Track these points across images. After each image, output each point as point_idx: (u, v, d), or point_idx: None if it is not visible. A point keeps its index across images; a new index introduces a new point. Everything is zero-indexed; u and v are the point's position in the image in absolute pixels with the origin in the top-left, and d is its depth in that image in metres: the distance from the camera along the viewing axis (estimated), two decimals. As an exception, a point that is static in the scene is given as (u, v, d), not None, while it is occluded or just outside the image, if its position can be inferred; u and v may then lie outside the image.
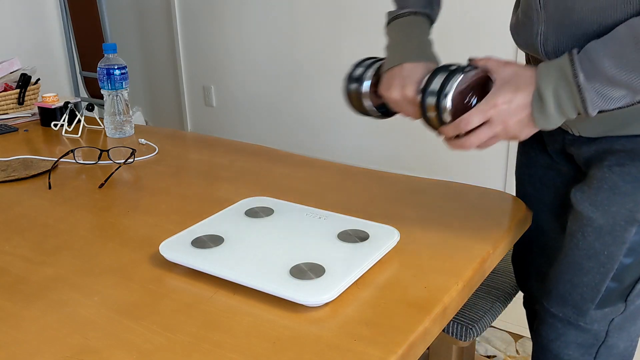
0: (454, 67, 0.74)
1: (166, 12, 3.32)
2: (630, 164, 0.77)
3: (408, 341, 0.60)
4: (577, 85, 0.66)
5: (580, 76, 0.66)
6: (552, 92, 0.68)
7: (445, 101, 0.71)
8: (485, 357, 1.75)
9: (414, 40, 0.83)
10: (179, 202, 0.99)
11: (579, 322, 0.86)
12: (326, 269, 0.71)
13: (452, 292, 0.69)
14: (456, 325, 1.04)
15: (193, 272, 0.74)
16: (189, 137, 1.57)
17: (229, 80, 3.19)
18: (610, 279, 0.82)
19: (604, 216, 0.79)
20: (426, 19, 0.86)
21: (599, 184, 0.80)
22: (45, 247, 0.83)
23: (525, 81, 0.71)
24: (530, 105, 0.70)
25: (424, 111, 0.75)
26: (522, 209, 0.94)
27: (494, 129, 0.72)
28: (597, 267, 0.82)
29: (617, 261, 0.80)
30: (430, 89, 0.73)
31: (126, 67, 1.44)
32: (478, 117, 0.72)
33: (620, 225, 0.78)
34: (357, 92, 0.86)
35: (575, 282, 0.84)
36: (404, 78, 0.79)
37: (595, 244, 0.81)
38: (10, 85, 1.78)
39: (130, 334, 0.62)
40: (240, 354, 0.58)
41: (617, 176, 0.78)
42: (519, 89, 0.70)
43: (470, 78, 0.73)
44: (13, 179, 1.12)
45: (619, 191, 0.78)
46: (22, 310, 0.67)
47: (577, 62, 0.67)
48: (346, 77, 0.88)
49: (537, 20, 0.79)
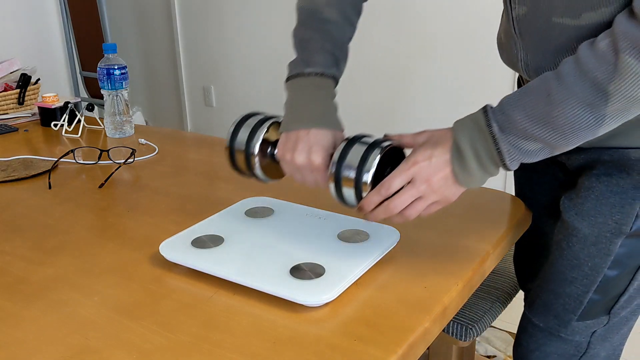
0: (371, 140, 0.70)
1: (166, 12, 3.32)
2: (618, 175, 0.76)
3: (408, 341, 0.60)
4: (492, 136, 0.65)
5: (494, 127, 0.65)
6: (469, 145, 0.66)
7: (367, 176, 0.67)
8: (485, 357, 1.75)
9: (320, 104, 0.77)
10: (179, 202, 0.99)
11: (560, 333, 0.84)
12: (326, 269, 0.71)
13: (452, 292, 0.69)
14: (456, 325, 1.04)
15: (193, 272, 0.74)
16: (189, 137, 1.57)
17: (229, 80, 3.19)
18: (593, 291, 0.80)
19: (590, 227, 0.78)
20: (332, 81, 0.80)
21: (586, 192, 0.79)
22: (45, 247, 0.83)
23: (442, 137, 0.69)
24: (451, 162, 0.67)
25: (339, 184, 0.70)
26: (522, 209, 0.94)
27: (418, 187, 0.67)
28: (581, 278, 0.80)
29: (602, 273, 0.79)
30: (346, 163, 0.69)
31: (126, 67, 1.44)
32: (400, 178, 0.68)
33: (605, 237, 0.77)
34: (247, 152, 0.77)
35: (558, 292, 0.83)
36: (310, 144, 0.73)
37: (580, 255, 0.80)
38: (10, 85, 1.78)
39: (130, 334, 0.62)
40: (240, 354, 0.58)
41: (605, 186, 0.77)
42: (437, 145, 0.68)
43: (386, 151, 0.69)
44: (13, 179, 1.12)
45: (606, 202, 0.77)
46: (22, 310, 0.67)
47: (490, 114, 0.66)
48: (231, 133, 0.78)
49: (515, 46, 0.79)
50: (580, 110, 0.60)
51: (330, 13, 0.82)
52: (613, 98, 0.59)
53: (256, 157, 0.76)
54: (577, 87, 0.60)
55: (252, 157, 0.77)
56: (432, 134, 0.71)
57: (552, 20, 0.70)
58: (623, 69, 0.57)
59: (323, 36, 0.81)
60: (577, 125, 0.61)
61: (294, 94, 0.79)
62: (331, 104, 0.79)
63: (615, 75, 0.58)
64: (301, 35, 0.82)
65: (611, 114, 0.60)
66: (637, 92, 0.58)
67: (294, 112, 0.77)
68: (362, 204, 0.69)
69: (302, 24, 0.83)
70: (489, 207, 0.94)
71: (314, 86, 0.78)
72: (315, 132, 0.74)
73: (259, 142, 0.76)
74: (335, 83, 0.81)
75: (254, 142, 0.76)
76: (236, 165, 0.80)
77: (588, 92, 0.60)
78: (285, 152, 0.75)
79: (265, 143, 0.77)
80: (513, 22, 0.77)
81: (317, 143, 0.73)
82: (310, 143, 0.73)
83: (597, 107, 0.60)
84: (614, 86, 0.58)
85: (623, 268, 0.79)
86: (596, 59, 0.60)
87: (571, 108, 0.60)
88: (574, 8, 0.67)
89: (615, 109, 0.60)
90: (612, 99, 0.59)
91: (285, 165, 0.76)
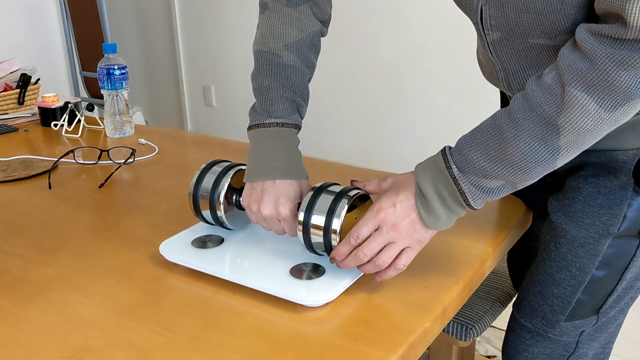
0: (338, 189, 0.71)
1: (166, 12, 3.32)
2: (605, 176, 0.77)
3: (408, 341, 0.60)
4: (452, 177, 0.65)
5: (453, 168, 0.65)
6: (432, 187, 0.66)
7: (337, 224, 0.68)
8: (485, 357, 1.75)
9: (284, 154, 0.77)
10: (179, 202, 0.99)
11: (549, 333, 0.85)
12: (326, 269, 0.71)
13: (452, 292, 0.69)
14: (456, 325, 1.04)
15: (193, 272, 0.74)
16: (189, 137, 1.57)
17: (229, 80, 3.19)
18: (581, 291, 0.80)
19: (578, 228, 0.79)
20: (294, 129, 0.79)
21: (574, 194, 0.79)
22: (45, 247, 0.83)
23: (405, 182, 0.69)
24: (416, 206, 0.67)
25: (307, 234, 0.70)
26: (522, 209, 0.94)
27: (385, 234, 0.66)
28: (568, 279, 0.81)
29: (589, 274, 0.79)
30: (314, 212, 0.69)
31: (126, 67, 1.44)
32: (366, 226, 0.67)
33: (593, 238, 0.78)
34: (212, 200, 0.77)
35: (545, 294, 0.83)
36: (277, 195, 0.73)
37: (568, 256, 0.80)
38: (10, 85, 1.78)
39: (130, 334, 0.62)
40: (240, 354, 0.58)
41: (592, 187, 0.78)
42: (400, 190, 0.68)
43: (353, 200, 0.70)
44: (13, 179, 1.12)
45: (594, 202, 0.77)
46: (22, 310, 0.67)
47: (449, 156, 0.66)
48: (195, 182, 0.78)
49: (494, 68, 0.79)
50: (534, 145, 0.61)
51: (288, 58, 0.80)
52: (564, 131, 0.60)
53: (222, 204, 0.77)
54: (528, 123, 0.61)
55: (218, 204, 0.77)
56: (395, 180, 0.71)
57: (529, 41, 0.70)
58: (570, 101, 0.58)
59: (283, 83, 0.80)
60: (533, 159, 0.62)
61: (257, 145, 0.78)
62: (294, 153, 0.78)
63: (563, 108, 0.59)
64: (260, 83, 0.80)
65: (565, 145, 0.61)
66: (586, 123, 0.59)
67: (257, 162, 0.76)
68: (333, 255, 0.69)
69: (260, 71, 0.81)
70: (489, 207, 0.94)
71: (276, 136, 0.78)
72: (280, 183, 0.74)
73: (224, 189, 0.77)
74: (297, 130, 0.80)
75: (219, 188, 0.77)
76: (200, 211, 0.80)
77: (539, 127, 0.60)
78: (251, 203, 0.75)
79: (230, 190, 0.78)
80: (488, 46, 0.77)
81: (283, 194, 0.74)
82: (277, 194, 0.73)
83: (550, 140, 0.60)
84: (563, 119, 0.59)
85: (611, 268, 0.79)
86: (544, 94, 0.60)
87: (525, 144, 0.61)
88: (548, 31, 0.67)
89: (568, 140, 0.60)
90: (563, 131, 0.60)
91: (252, 215, 0.76)
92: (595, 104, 0.58)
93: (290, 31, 0.81)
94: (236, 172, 0.78)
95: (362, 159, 2.96)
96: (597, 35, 0.58)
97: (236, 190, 0.79)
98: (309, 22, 0.83)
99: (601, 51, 0.57)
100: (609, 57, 0.56)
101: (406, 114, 2.70)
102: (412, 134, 2.72)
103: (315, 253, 0.72)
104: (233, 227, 0.80)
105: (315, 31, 0.83)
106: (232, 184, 0.78)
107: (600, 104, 0.58)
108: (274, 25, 0.81)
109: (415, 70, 2.55)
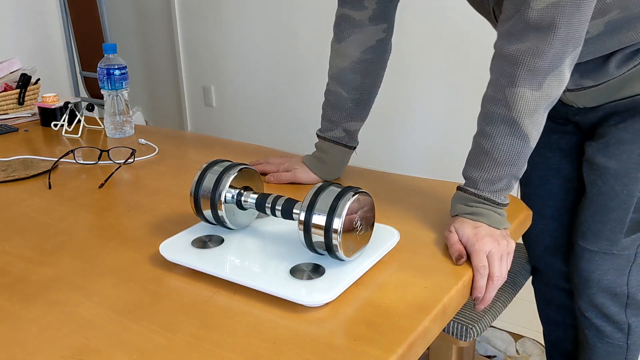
0: (339, 189, 0.71)
1: (166, 12, 3.32)
2: (632, 119, 0.93)
3: (408, 341, 0.60)
4: (475, 194, 0.81)
5: (470, 190, 0.82)
6: (466, 206, 0.81)
7: (339, 222, 0.68)
8: (485, 357, 1.75)
9: (329, 164, 1.06)
10: (179, 202, 0.99)
11: (613, 250, 1.01)
12: (326, 269, 0.71)
13: (452, 292, 0.69)
14: (456, 325, 1.04)
15: (193, 272, 0.74)
16: (189, 137, 1.57)
17: (229, 80, 3.19)
18: (632, 211, 0.96)
19: (618, 163, 0.95)
20: (344, 149, 1.06)
21: (607, 138, 0.96)
22: (45, 247, 0.83)
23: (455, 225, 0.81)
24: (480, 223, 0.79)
25: (309, 232, 0.70)
26: (522, 209, 0.94)
27: (498, 245, 0.77)
28: (620, 205, 0.97)
29: (636, 196, 0.95)
30: (316, 210, 0.69)
31: (126, 67, 1.44)
32: (479, 255, 0.75)
33: (632, 168, 0.94)
34: (213, 200, 0.77)
35: (604, 220, 0.99)
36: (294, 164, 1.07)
37: (615, 187, 0.96)
38: (10, 85, 1.78)
39: (130, 334, 0.62)
40: (240, 354, 0.58)
41: (622, 131, 0.94)
42: (457, 230, 0.80)
43: (356, 201, 0.70)
44: (13, 179, 1.12)
45: (625, 141, 0.94)
46: (22, 310, 0.67)
47: (463, 187, 0.83)
48: (197, 182, 0.79)
49: None
50: (508, 141, 0.77)
51: (354, 93, 1.03)
52: (520, 120, 0.76)
53: (222, 204, 0.77)
54: (495, 129, 0.78)
55: (219, 203, 0.78)
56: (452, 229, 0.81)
57: None
58: (512, 98, 0.75)
59: (346, 115, 1.05)
60: (514, 151, 0.78)
61: (317, 147, 1.08)
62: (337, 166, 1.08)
63: (510, 105, 0.76)
64: (329, 108, 1.07)
65: (527, 130, 0.77)
66: (529, 106, 0.75)
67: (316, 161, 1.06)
68: (476, 295, 0.76)
69: (329, 94, 1.07)
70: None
71: (327, 150, 1.06)
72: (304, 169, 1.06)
73: (225, 188, 0.78)
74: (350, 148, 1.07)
75: (220, 188, 0.78)
76: (201, 210, 0.80)
77: (504, 128, 0.77)
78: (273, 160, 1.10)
79: (231, 189, 0.78)
80: None
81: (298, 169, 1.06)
82: (294, 163, 1.07)
83: (516, 132, 0.77)
84: (515, 112, 0.76)
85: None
86: (493, 103, 0.78)
87: (502, 144, 0.78)
88: None
89: (526, 125, 0.76)
90: (519, 121, 0.76)
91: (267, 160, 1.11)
92: (528, 90, 0.74)
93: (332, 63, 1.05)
94: (237, 171, 0.79)
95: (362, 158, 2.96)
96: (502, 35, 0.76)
97: (237, 190, 0.79)
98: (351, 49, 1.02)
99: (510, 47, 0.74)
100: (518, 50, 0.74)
101: (406, 114, 2.70)
102: (413, 134, 2.72)
103: (316, 252, 0.72)
104: (234, 227, 0.80)
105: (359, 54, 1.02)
106: (233, 183, 0.78)
107: (531, 88, 0.74)
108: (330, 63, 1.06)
109: (416, 70, 2.55)
